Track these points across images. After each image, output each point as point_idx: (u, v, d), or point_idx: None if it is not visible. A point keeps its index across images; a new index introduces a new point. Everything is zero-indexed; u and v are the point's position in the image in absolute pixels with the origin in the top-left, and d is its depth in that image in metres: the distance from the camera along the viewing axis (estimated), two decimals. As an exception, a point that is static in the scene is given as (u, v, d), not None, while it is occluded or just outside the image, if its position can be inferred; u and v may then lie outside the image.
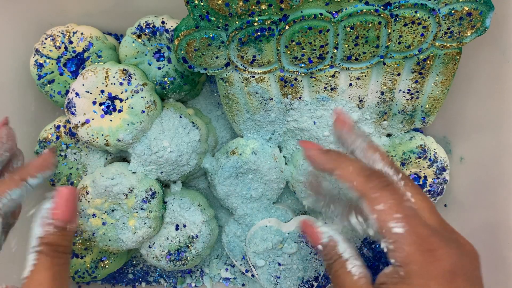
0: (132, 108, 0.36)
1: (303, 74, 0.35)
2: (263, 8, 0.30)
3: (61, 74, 0.40)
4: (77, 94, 0.37)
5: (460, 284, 0.22)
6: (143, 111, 0.37)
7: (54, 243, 0.26)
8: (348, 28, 0.31)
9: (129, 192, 0.38)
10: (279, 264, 0.40)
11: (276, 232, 0.40)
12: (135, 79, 0.37)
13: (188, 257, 0.41)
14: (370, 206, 0.24)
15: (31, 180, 0.30)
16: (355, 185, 0.25)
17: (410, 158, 0.40)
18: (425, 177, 0.42)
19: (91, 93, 0.37)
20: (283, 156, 0.43)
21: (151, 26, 0.37)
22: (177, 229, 0.41)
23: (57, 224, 0.27)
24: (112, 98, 0.37)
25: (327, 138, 0.39)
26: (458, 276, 0.22)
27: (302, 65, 0.34)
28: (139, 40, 0.38)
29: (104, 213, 0.39)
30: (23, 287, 0.25)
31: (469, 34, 0.32)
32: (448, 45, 0.33)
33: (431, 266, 0.22)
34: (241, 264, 0.44)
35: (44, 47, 0.39)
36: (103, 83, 0.36)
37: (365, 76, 0.35)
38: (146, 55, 0.39)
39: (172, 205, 0.41)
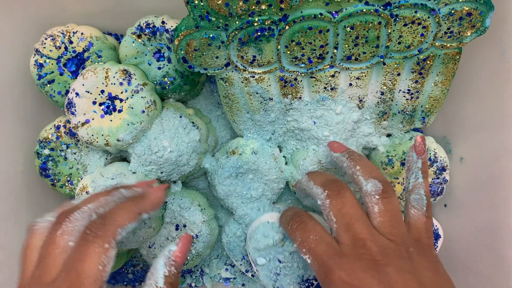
0: (132, 108, 0.36)
1: (303, 74, 0.35)
2: (263, 8, 0.30)
3: (61, 74, 0.40)
4: (77, 94, 0.37)
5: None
6: (143, 111, 0.37)
7: (173, 283, 0.28)
8: (348, 28, 0.31)
9: (129, 192, 0.38)
10: (280, 261, 0.40)
11: (278, 229, 0.40)
12: (135, 79, 0.37)
13: (188, 257, 0.41)
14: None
15: (144, 215, 0.31)
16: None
17: (410, 158, 0.40)
18: (425, 177, 0.42)
19: (91, 93, 0.37)
20: (283, 156, 0.43)
21: (151, 26, 0.37)
22: (177, 229, 0.41)
23: (177, 267, 0.29)
24: (112, 98, 0.37)
25: (327, 138, 0.39)
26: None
27: (302, 65, 0.34)
28: (139, 40, 0.38)
29: (104, 213, 0.39)
30: None
31: (469, 34, 0.32)
32: (448, 45, 0.33)
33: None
34: (241, 264, 0.44)
35: (44, 47, 0.39)
36: (103, 83, 0.36)
37: (365, 76, 0.35)
38: (146, 55, 0.39)
39: (172, 205, 0.41)
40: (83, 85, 0.36)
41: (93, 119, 0.37)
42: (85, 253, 0.26)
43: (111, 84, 0.36)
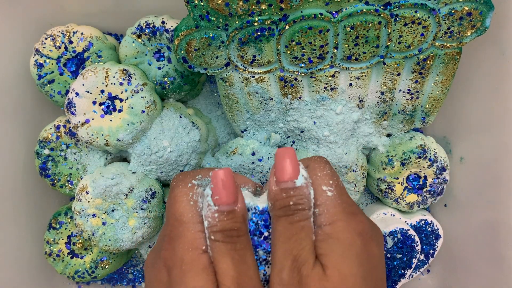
0: (132, 108, 0.36)
1: (303, 74, 0.35)
2: (263, 8, 0.30)
3: (61, 74, 0.40)
4: (77, 94, 0.36)
5: (374, 248, 0.26)
6: (143, 111, 0.37)
7: (225, 229, 0.25)
8: (348, 28, 0.31)
9: (129, 192, 0.38)
10: None
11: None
12: (135, 79, 0.37)
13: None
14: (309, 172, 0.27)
15: None
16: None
17: (410, 158, 0.40)
18: (425, 177, 0.42)
19: (91, 93, 0.36)
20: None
21: (151, 26, 0.37)
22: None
23: (223, 210, 0.25)
24: (112, 98, 0.37)
25: (327, 138, 0.39)
26: (372, 240, 0.26)
27: (302, 65, 0.34)
28: (139, 40, 0.38)
29: (104, 213, 0.39)
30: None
31: (469, 34, 0.32)
32: (448, 45, 0.33)
33: (355, 225, 0.25)
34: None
35: (44, 47, 0.39)
36: (103, 83, 0.36)
37: (365, 76, 0.35)
38: (146, 55, 0.39)
39: (172, 205, 0.41)
40: (83, 85, 0.36)
41: (93, 119, 0.37)
42: (173, 195, 0.27)
43: (111, 84, 0.36)
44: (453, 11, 0.31)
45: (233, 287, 0.24)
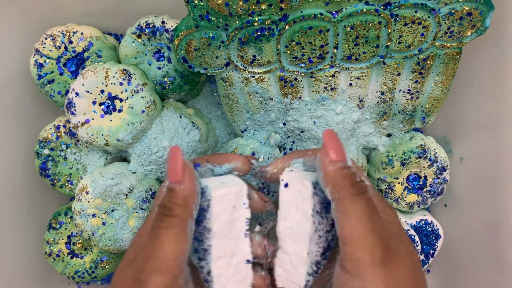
0: (132, 108, 0.36)
1: (303, 74, 0.35)
2: (263, 8, 0.30)
3: (61, 74, 0.40)
4: (77, 94, 0.36)
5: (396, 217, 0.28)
6: (143, 111, 0.37)
7: (162, 204, 0.26)
8: (348, 28, 0.31)
9: (129, 192, 0.38)
10: None
11: None
12: (135, 79, 0.37)
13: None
14: None
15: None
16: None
17: (410, 158, 0.40)
18: (425, 177, 0.42)
19: (91, 93, 0.36)
20: (283, 156, 0.43)
21: (151, 26, 0.37)
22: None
23: (168, 186, 0.26)
24: (112, 98, 0.37)
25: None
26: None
27: (302, 65, 0.34)
28: (139, 40, 0.38)
29: (104, 213, 0.39)
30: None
31: (469, 34, 0.32)
32: (448, 45, 0.33)
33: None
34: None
35: (44, 47, 0.39)
36: (103, 83, 0.36)
37: (365, 76, 0.35)
38: (146, 55, 0.39)
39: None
40: (83, 85, 0.36)
41: (93, 119, 0.37)
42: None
43: (111, 84, 0.36)
44: (453, 11, 0.31)
45: (136, 259, 0.25)
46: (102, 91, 0.36)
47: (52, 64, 0.39)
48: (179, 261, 0.25)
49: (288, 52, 0.33)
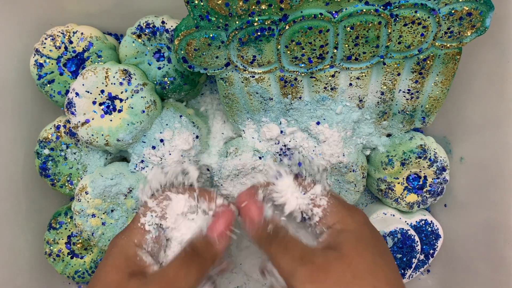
0: (132, 108, 0.36)
1: (303, 74, 0.35)
2: (263, 8, 0.30)
3: (61, 74, 0.40)
4: (77, 94, 0.36)
5: (379, 235, 0.30)
6: (143, 111, 0.37)
7: (197, 249, 0.29)
8: (348, 28, 0.31)
9: (128, 192, 0.38)
10: None
11: None
12: (135, 79, 0.37)
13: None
14: None
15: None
16: None
17: (410, 158, 0.40)
18: (425, 177, 0.42)
19: (91, 93, 0.36)
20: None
21: (151, 26, 0.37)
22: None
23: (207, 238, 0.30)
24: (112, 98, 0.37)
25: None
26: (375, 229, 0.30)
27: (302, 65, 0.34)
28: (139, 40, 0.38)
29: (103, 213, 0.39)
30: (162, 270, 0.29)
31: (469, 34, 0.32)
32: (448, 45, 0.33)
33: (359, 217, 0.30)
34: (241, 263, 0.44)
35: (44, 47, 0.39)
36: (103, 83, 0.36)
37: (365, 76, 0.35)
38: (146, 55, 0.39)
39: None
40: (83, 85, 0.36)
41: (93, 119, 0.37)
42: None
43: (111, 84, 0.36)
44: (453, 11, 0.31)
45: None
46: (102, 91, 0.36)
47: (52, 64, 0.39)
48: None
49: (288, 52, 0.33)
